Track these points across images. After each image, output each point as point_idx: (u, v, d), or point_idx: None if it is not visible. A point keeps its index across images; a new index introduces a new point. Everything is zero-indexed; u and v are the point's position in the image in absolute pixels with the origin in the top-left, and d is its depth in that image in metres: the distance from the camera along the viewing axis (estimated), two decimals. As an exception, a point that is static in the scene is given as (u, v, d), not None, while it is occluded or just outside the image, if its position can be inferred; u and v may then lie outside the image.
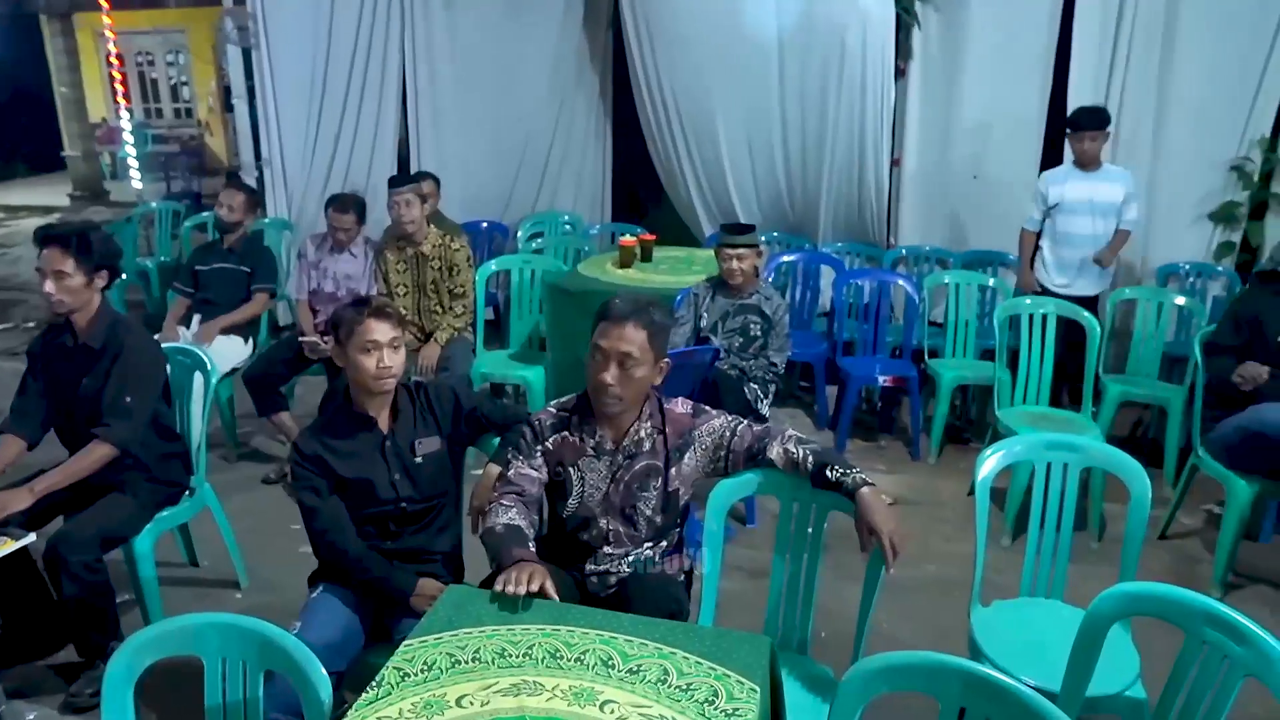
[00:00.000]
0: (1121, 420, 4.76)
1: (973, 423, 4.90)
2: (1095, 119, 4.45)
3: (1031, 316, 3.98)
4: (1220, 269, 5.06)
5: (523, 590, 1.80)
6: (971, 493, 4.06)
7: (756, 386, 3.71)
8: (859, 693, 1.52)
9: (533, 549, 2.05)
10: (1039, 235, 4.70)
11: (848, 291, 4.78)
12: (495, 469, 2.33)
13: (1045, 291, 4.55)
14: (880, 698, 1.52)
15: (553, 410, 2.28)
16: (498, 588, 1.84)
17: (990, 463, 2.44)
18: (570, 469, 2.22)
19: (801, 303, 5.08)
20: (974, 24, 5.11)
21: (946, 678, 1.48)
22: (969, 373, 4.44)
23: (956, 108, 5.25)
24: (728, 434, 2.21)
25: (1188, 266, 5.09)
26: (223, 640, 1.68)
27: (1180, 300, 4.50)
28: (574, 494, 2.22)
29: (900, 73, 5.23)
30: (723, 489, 2.22)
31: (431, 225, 4.48)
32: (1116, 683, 2.17)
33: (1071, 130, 4.49)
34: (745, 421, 2.23)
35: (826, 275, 5.08)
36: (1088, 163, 4.46)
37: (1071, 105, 5.03)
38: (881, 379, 4.45)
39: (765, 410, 3.72)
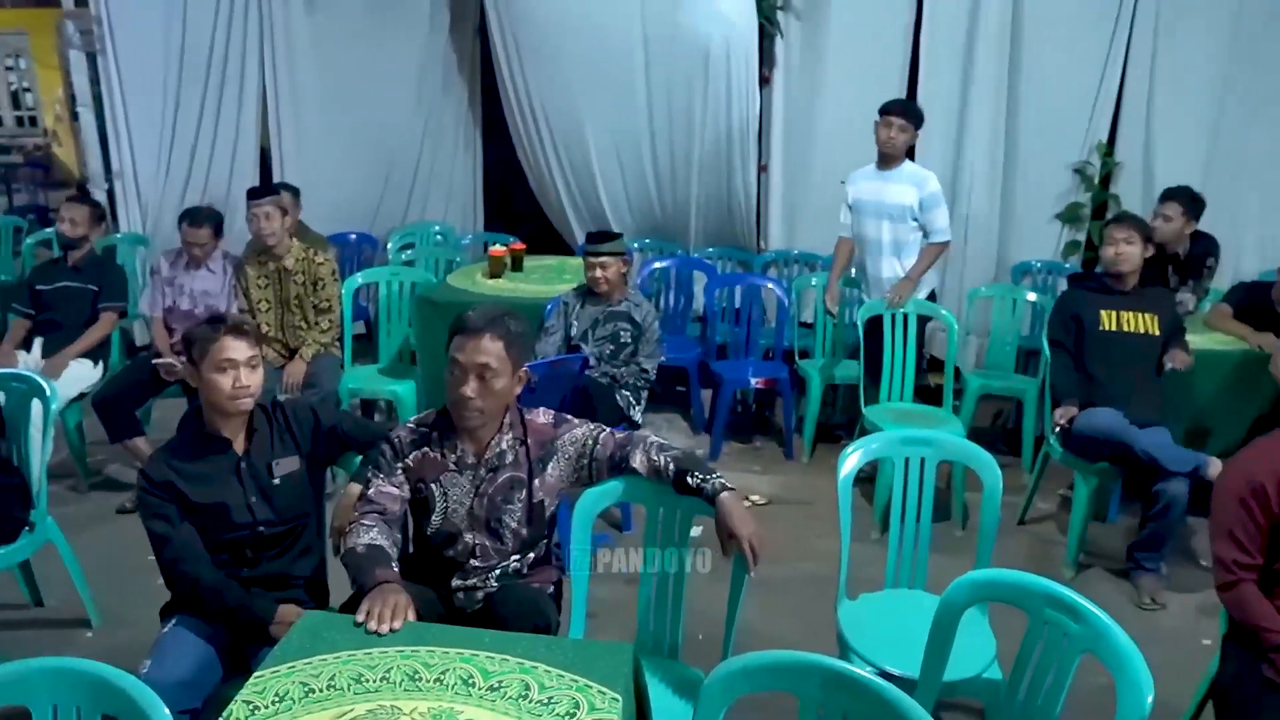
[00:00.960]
0: (983, 412, 4.98)
1: (845, 421, 5.03)
2: (900, 106, 4.22)
3: (893, 316, 4.12)
4: (1068, 266, 5.34)
5: (385, 629, 1.76)
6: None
7: (629, 393, 3.72)
8: (721, 695, 1.53)
9: (396, 569, 2.00)
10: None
11: (719, 296, 4.85)
12: (356, 488, 2.26)
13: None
14: (748, 698, 1.53)
15: (412, 426, 2.23)
16: (359, 619, 1.79)
17: (851, 461, 2.51)
18: (432, 485, 2.17)
19: (675, 308, 5.12)
20: (833, 33, 5.26)
21: (806, 675, 1.50)
22: (839, 372, 4.56)
23: (820, 114, 5.39)
24: (590, 443, 2.20)
25: (1039, 264, 5.36)
26: (53, 686, 1.56)
27: (1032, 296, 4.72)
28: (437, 510, 2.18)
29: (765, 81, 5.34)
30: (587, 499, 2.21)
31: (294, 238, 4.34)
32: (974, 666, 2.25)
33: (879, 117, 4.21)
34: (607, 430, 2.23)
35: (699, 280, 5.14)
36: (887, 156, 4.18)
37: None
38: (754, 381, 4.53)
39: (638, 416, 3.73)
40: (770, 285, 4.85)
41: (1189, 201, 4.40)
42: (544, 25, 5.17)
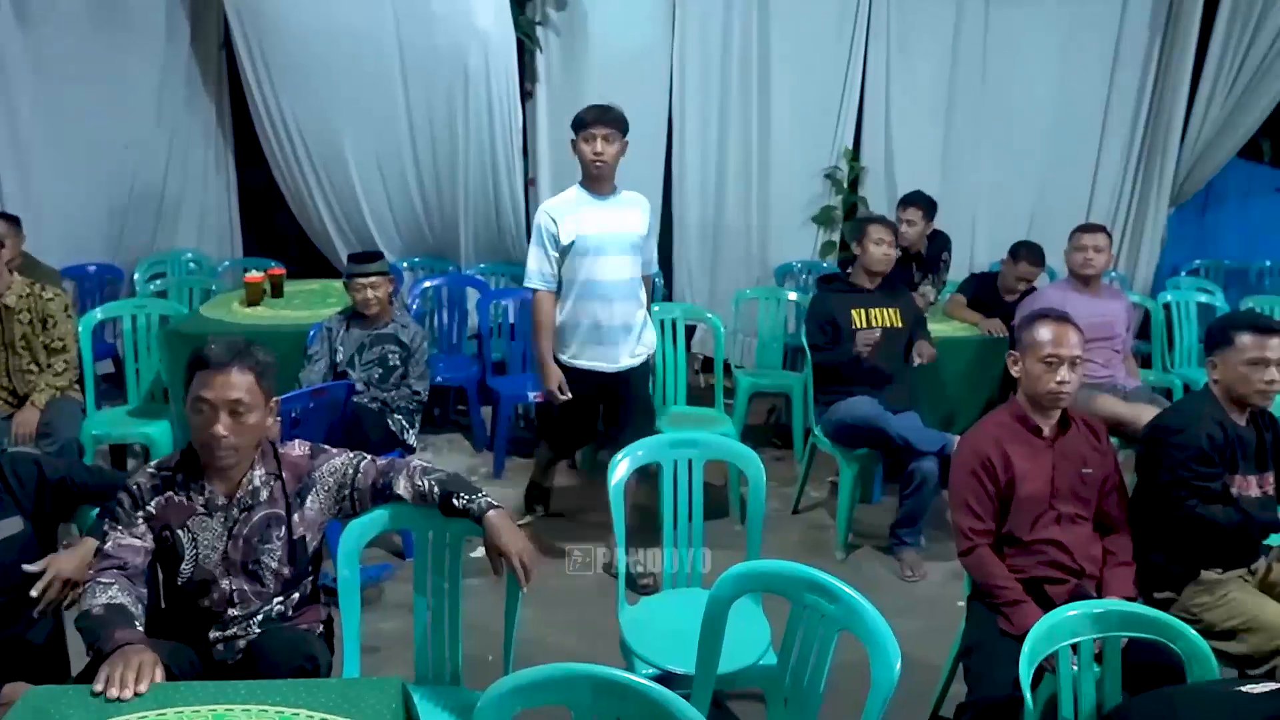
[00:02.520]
0: (757, 409, 5.20)
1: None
2: (597, 113, 3.37)
3: (663, 322, 4.22)
4: (825, 265, 5.67)
5: (128, 694, 1.61)
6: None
7: (401, 417, 3.61)
8: (495, 716, 1.50)
9: (140, 628, 1.84)
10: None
11: (494, 312, 4.81)
12: (92, 543, 2.06)
13: (573, 375, 3.48)
14: (526, 713, 1.51)
15: (153, 470, 2.06)
16: (97, 688, 1.62)
17: (621, 468, 2.55)
18: (179, 531, 2.01)
19: (449, 327, 5.03)
20: (593, 47, 5.35)
21: (576, 685, 1.50)
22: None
23: (584, 127, 5.46)
24: (351, 472, 2.11)
25: (799, 264, 5.66)
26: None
27: (793, 296, 4.97)
28: (187, 558, 2.02)
29: (527, 95, 5.36)
30: (352, 531, 2.12)
31: (15, 273, 3.93)
32: (750, 655, 2.33)
33: (574, 133, 3.42)
34: (368, 458, 2.15)
35: (472, 297, 5.07)
36: (599, 180, 3.42)
37: (678, 124, 5.44)
38: (532, 395, 4.51)
39: (413, 440, 3.63)
40: (544, 298, 4.85)
41: (927, 205, 4.80)
42: (292, 38, 4.94)
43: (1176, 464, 2.50)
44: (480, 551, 2.31)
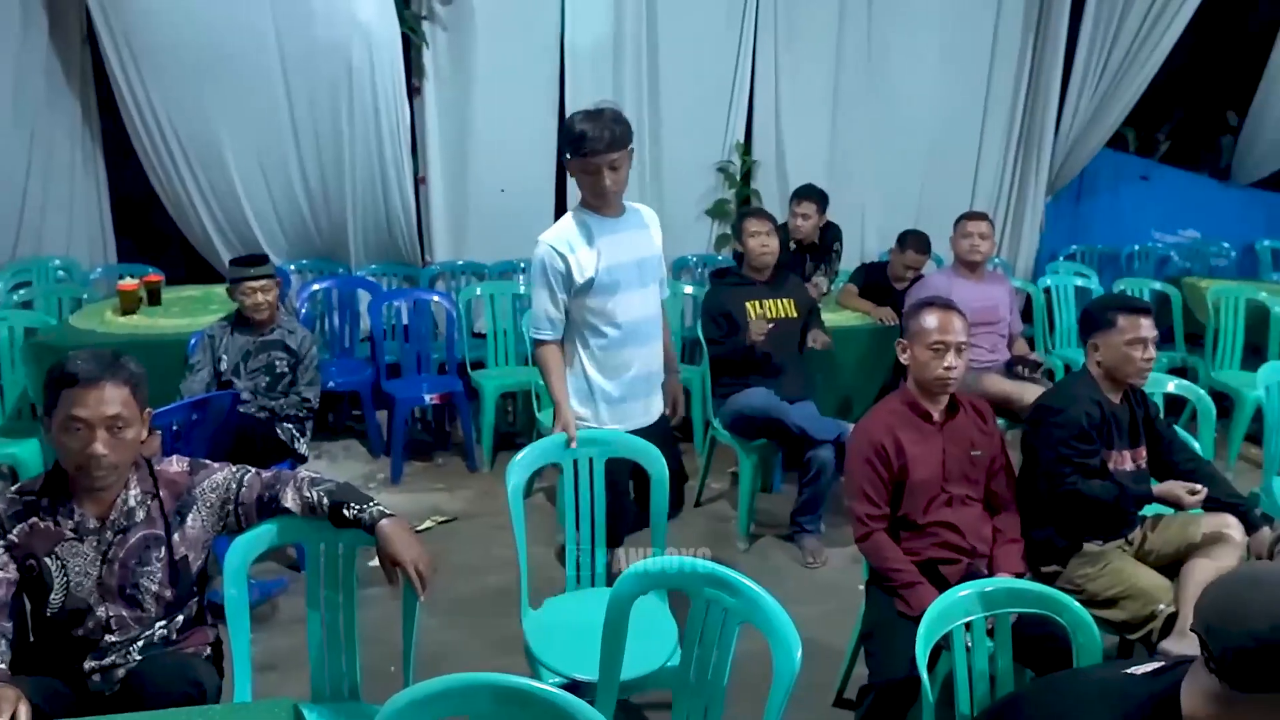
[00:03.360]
0: (657, 404, 5.20)
1: (525, 427, 5.05)
2: (611, 136, 2.64)
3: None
4: (721, 258, 5.72)
5: None
6: (529, 496, 4.22)
7: (291, 426, 3.49)
8: (392, 733, 1.45)
9: (3, 667, 1.72)
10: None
11: (386, 313, 4.70)
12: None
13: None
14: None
15: (13, 496, 1.93)
16: None
17: (519, 469, 2.51)
18: (47, 559, 1.89)
19: (341, 330, 4.89)
20: (481, 42, 5.27)
21: (475, 695, 1.46)
22: (511, 380, 4.57)
23: (475, 123, 5.38)
24: (234, 486, 2.02)
25: (695, 258, 5.69)
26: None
27: (689, 290, 4.99)
28: (57, 587, 1.90)
29: (415, 91, 5.24)
30: (238, 547, 2.02)
31: None
32: (658, 658, 2.30)
33: (597, 155, 2.64)
34: (253, 471, 2.06)
35: (364, 299, 4.94)
36: (610, 204, 2.77)
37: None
38: (429, 397, 4.43)
39: (304, 449, 3.52)
40: (438, 299, 4.77)
41: (820, 197, 4.88)
42: (162, 30, 4.70)
43: (1058, 442, 2.60)
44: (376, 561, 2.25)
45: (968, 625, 1.98)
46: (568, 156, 2.70)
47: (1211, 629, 1.40)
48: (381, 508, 1.99)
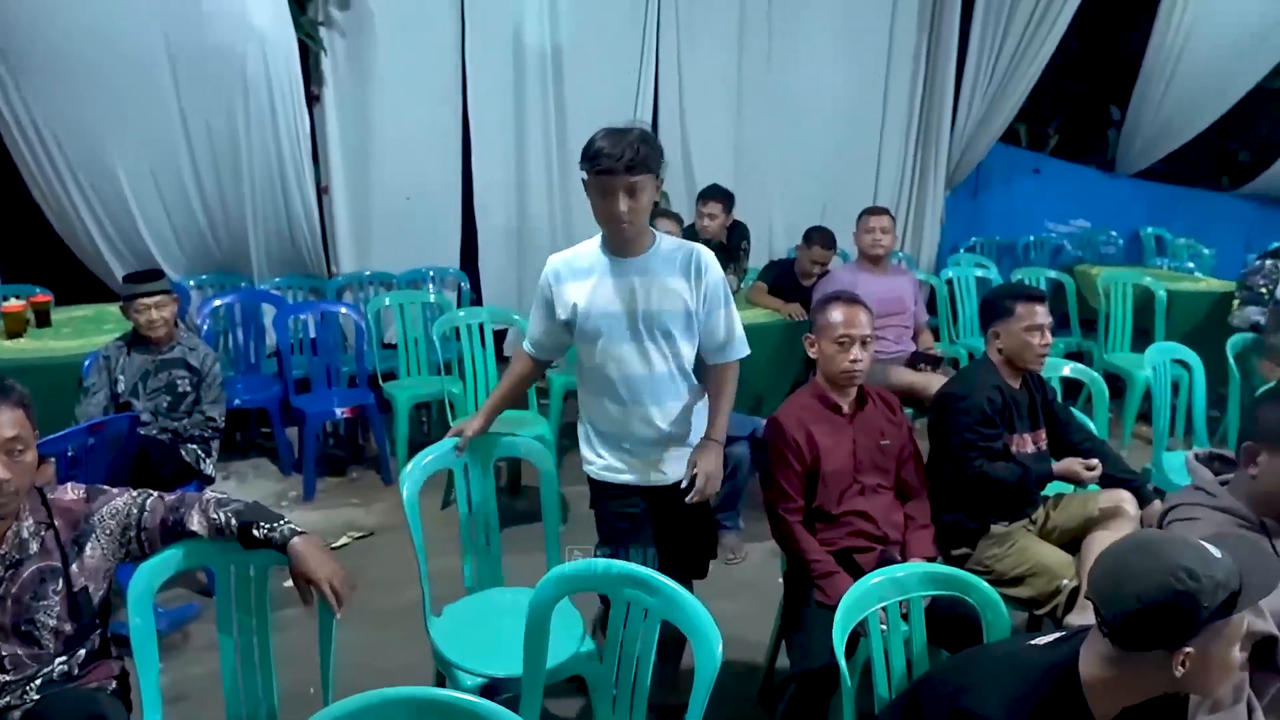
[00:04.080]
0: (572, 407, 5.20)
1: (440, 436, 4.99)
2: (629, 156, 2.27)
3: (469, 326, 4.16)
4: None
5: None
6: (444, 507, 4.17)
7: (196, 447, 3.38)
8: (310, 755, 1.42)
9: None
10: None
11: (293, 327, 4.59)
12: None
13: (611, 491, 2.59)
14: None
15: (-106, 532, 1.83)
16: None
17: (412, 478, 2.52)
18: (-69, 600, 1.80)
19: (245, 346, 4.76)
20: (381, 48, 5.18)
21: (397, 710, 1.45)
22: (424, 390, 4.51)
23: (377, 130, 5.29)
24: (135, 511, 1.95)
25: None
26: None
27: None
28: (-57, 628, 1.81)
29: (314, 99, 5.13)
30: (142, 575, 1.95)
31: None
32: (570, 647, 2.31)
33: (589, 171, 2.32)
34: (154, 494, 1.99)
35: (268, 313, 4.82)
36: (627, 241, 2.39)
37: (475, 124, 5.36)
38: (340, 411, 4.35)
39: (211, 470, 3.41)
40: (345, 310, 4.68)
41: (726, 197, 4.94)
42: (39, 35, 4.47)
43: (963, 428, 2.69)
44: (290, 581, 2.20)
45: (883, 611, 2.03)
46: (583, 175, 2.32)
47: (1103, 595, 1.48)
48: (293, 525, 1.94)
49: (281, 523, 1.94)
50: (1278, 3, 6.53)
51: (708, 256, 2.45)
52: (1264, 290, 4.78)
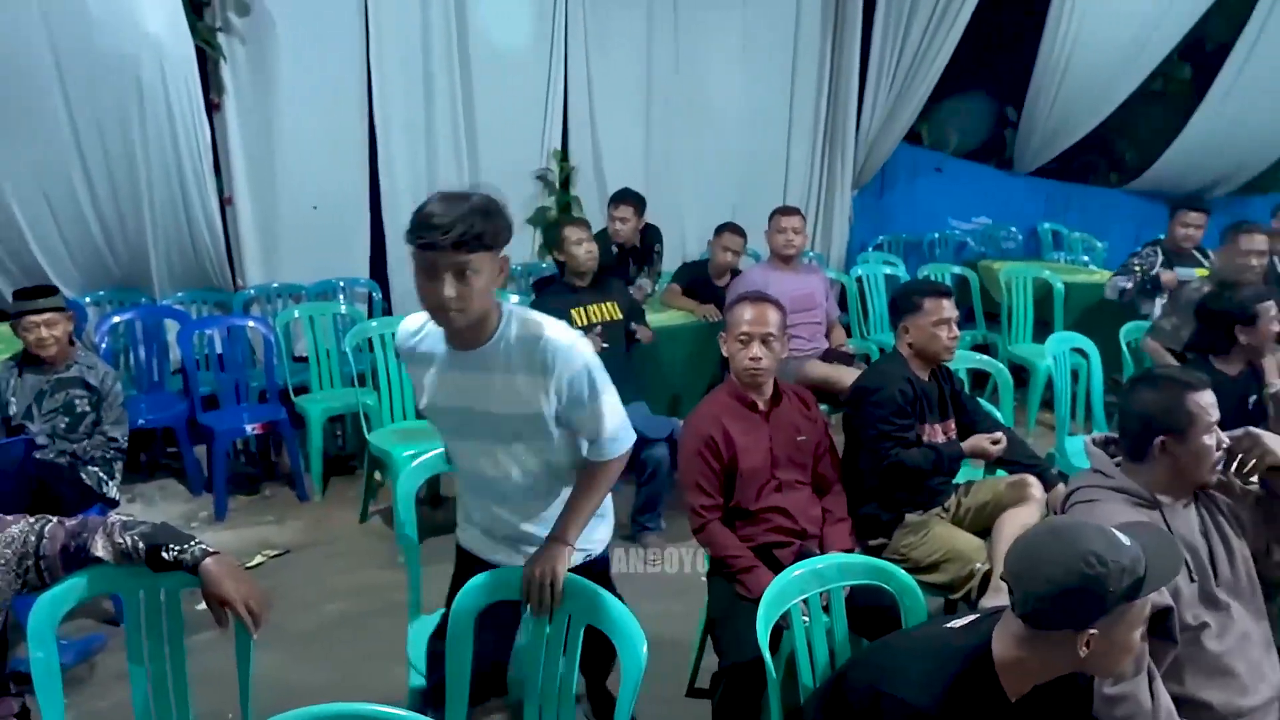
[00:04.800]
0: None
1: (356, 450, 4.90)
2: (444, 225, 1.92)
3: (381, 337, 4.09)
4: (545, 266, 5.72)
5: None
6: (363, 520, 4.10)
7: (97, 469, 3.25)
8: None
9: None
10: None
11: (197, 342, 4.45)
12: None
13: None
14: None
15: None
16: None
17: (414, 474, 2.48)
18: None
19: (148, 363, 4.59)
20: (283, 54, 5.05)
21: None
22: (337, 403, 4.42)
23: (282, 139, 5.16)
24: (33, 539, 1.86)
25: (519, 267, 5.67)
26: None
27: (515, 299, 4.96)
28: None
29: (215, 107, 4.99)
30: (43, 606, 1.86)
31: None
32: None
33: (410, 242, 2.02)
34: (54, 520, 1.90)
35: (171, 329, 4.65)
36: (450, 324, 1.99)
37: (382, 131, 5.28)
38: (250, 428, 4.23)
39: (114, 492, 3.28)
40: (253, 324, 4.56)
41: (638, 201, 4.97)
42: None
43: (878, 419, 2.76)
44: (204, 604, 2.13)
45: (804, 603, 2.07)
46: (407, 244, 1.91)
47: (1016, 578, 1.53)
48: (204, 546, 1.87)
49: (192, 544, 1.87)
50: (1154, 13, 6.86)
51: (561, 347, 1.99)
52: (1136, 267, 5.02)
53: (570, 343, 2.02)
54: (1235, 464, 2.09)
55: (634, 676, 1.74)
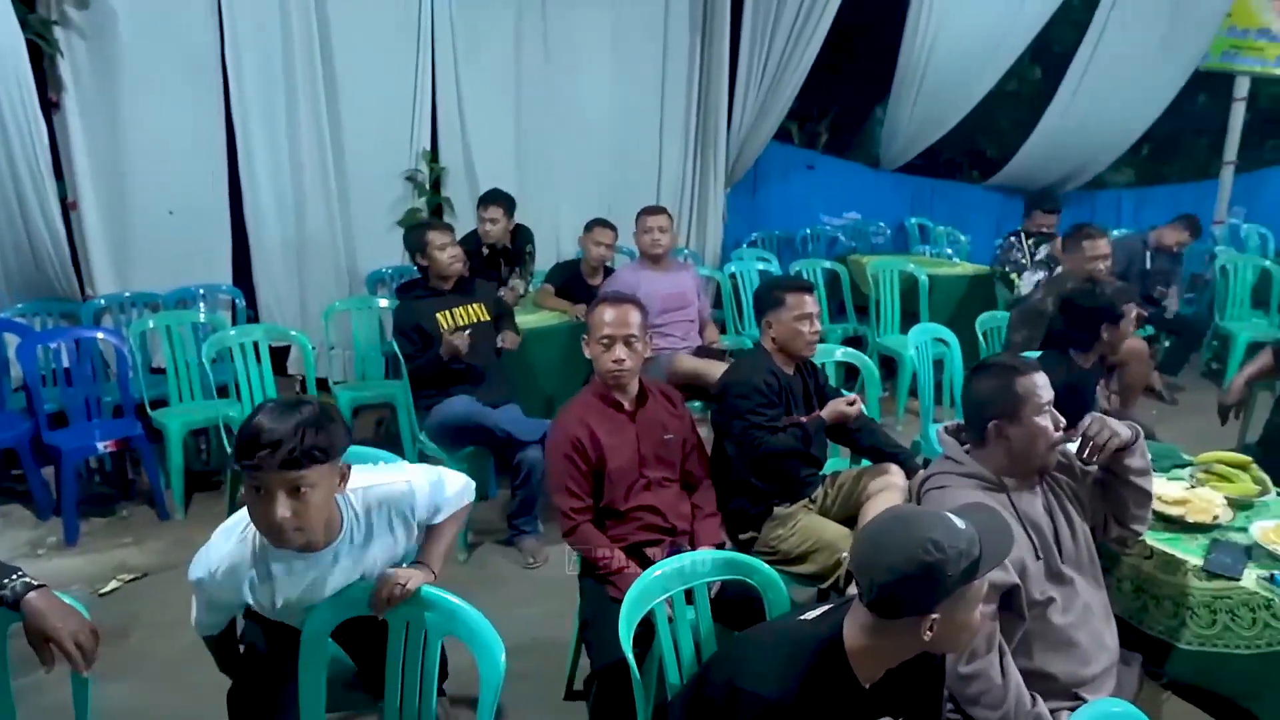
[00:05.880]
0: (366, 422, 5.05)
1: (221, 465, 4.71)
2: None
3: (242, 345, 3.94)
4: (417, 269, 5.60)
5: None
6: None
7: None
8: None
9: None
10: None
11: (42, 357, 4.18)
12: None
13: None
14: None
15: None
16: None
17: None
18: None
19: (-15, 381, 4.30)
20: (127, 50, 4.80)
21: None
22: (198, 416, 4.23)
23: (130, 140, 4.90)
24: None
25: (390, 271, 5.53)
26: None
27: (384, 303, 4.84)
28: None
29: (53, 105, 4.70)
30: None
31: None
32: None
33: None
34: None
35: (11, 344, 4.36)
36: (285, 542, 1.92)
37: (241, 132, 5.08)
38: (102, 445, 4.00)
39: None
40: (104, 335, 4.31)
41: (507, 201, 4.92)
42: None
43: (746, 410, 2.79)
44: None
45: (670, 601, 2.07)
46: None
47: (861, 567, 1.57)
48: (28, 579, 1.74)
49: (14, 577, 1.73)
50: (1006, 17, 7.16)
51: (400, 493, 2.03)
52: (1022, 258, 5.33)
53: (404, 482, 2.05)
54: (1087, 448, 2.18)
55: (494, 683, 1.71)
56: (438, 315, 3.84)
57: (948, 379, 4.40)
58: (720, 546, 2.67)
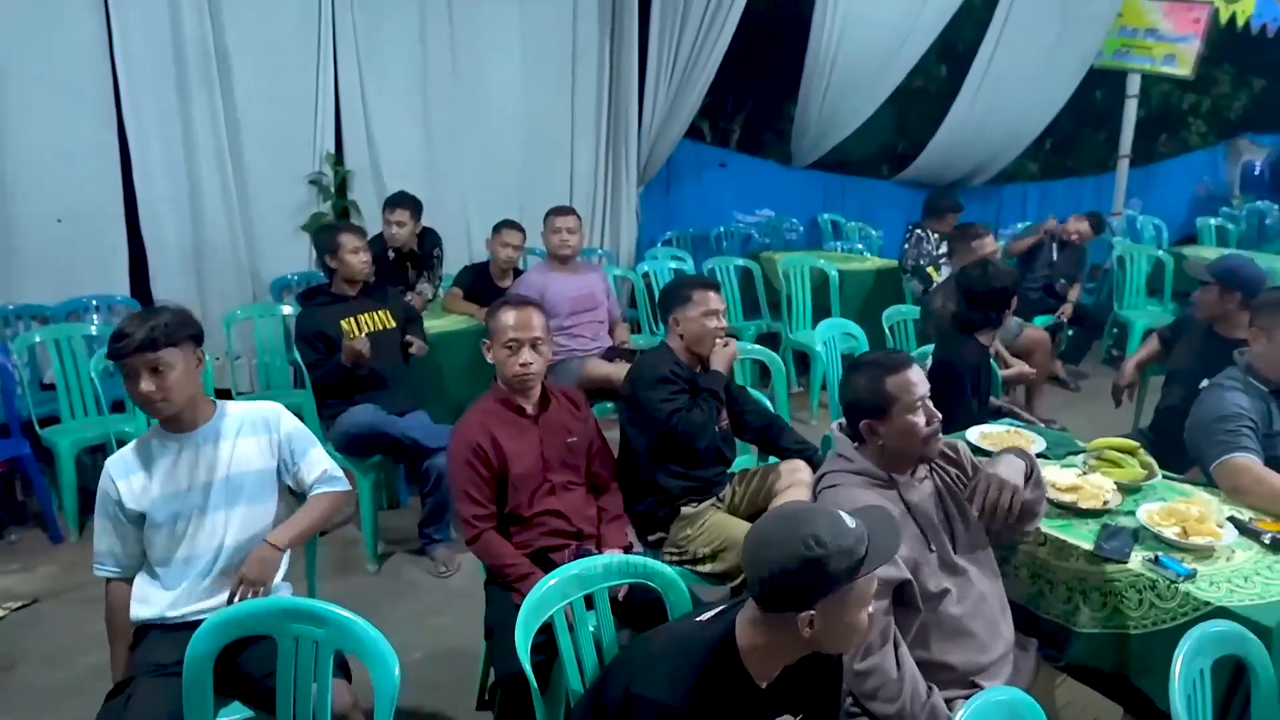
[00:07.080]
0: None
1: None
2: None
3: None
4: (323, 274, 5.46)
5: None
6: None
7: None
8: None
9: None
10: None
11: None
12: None
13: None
14: None
15: None
16: None
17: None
18: None
19: None
20: (4, 50, 4.59)
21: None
22: (91, 433, 4.06)
23: (11, 146, 4.67)
24: None
25: (295, 276, 5.39)
26: None
27: (287, 310, 4.70)
28: None
29: (-72, 110, 4.47)
30: None
31: None
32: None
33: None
34: None
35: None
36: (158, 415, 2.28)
37: (134, 136, 4.90)
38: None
39: None
40: (-14, 351, 4.11)
41: (414, 204, 4.84)
42: None
43: (659, 399, 2.80)
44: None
45: (569, 607, 2.05)
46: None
47: (748, 561, 1.57)
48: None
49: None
50: (911, 14, 7.29)
51: (275, 411, 2.40)
52: (932, 253, 5.47)
53: (279, 409, 2.42)
54: (990, 511, 2.16)
55: (389, 697, 1.66)
56: (342, 322, 3.75)
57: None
58: (628, 549, 2.65)
